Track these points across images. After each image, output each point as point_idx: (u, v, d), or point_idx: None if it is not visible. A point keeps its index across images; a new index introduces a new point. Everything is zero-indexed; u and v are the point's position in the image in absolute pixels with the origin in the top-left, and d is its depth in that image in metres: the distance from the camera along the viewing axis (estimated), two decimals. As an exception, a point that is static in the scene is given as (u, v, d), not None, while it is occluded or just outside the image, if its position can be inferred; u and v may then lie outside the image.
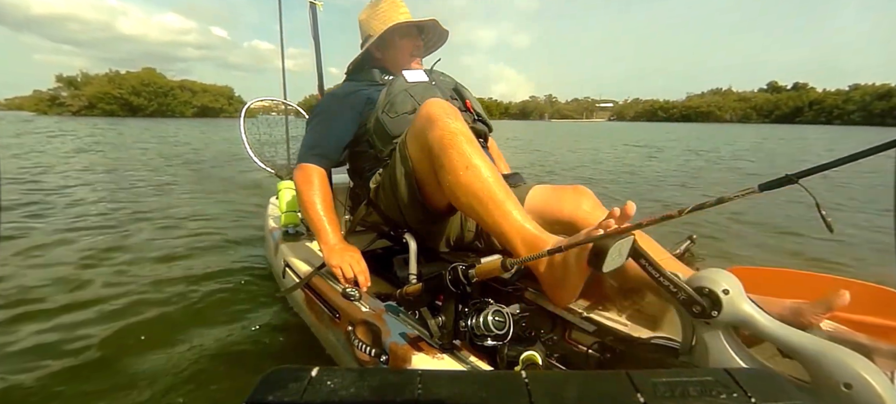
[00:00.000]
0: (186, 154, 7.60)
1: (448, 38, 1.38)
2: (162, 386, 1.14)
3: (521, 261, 0.66)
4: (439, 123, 0.84)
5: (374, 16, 1.26)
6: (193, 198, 3.76)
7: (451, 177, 0.82)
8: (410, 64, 1.28)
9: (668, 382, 0.36)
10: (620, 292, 1.09)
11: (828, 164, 0.53)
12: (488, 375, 0.59)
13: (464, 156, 0.81)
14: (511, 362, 0.74)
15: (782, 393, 0.34)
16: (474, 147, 0.83)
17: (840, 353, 0.55)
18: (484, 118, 1.24)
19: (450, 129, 0.83)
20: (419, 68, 1.27)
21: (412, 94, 1.14)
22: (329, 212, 1.11)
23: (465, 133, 0.84)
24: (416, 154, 0.93)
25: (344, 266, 1.01)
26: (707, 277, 0.65)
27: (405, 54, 1.28)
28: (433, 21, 1.30)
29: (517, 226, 0.77)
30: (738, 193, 0.57)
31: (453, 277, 0.72)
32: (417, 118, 0.91)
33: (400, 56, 1.28)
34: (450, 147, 0.82)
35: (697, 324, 0.67)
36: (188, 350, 1.31)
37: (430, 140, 0.85)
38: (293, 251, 1.40)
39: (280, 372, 0.38)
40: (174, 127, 5.20)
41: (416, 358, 0.76)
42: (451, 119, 0.85)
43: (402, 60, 1.28)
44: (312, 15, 1.76)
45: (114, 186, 4.13)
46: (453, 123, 0.84)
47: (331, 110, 1.21)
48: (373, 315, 0.92)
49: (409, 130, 0.96)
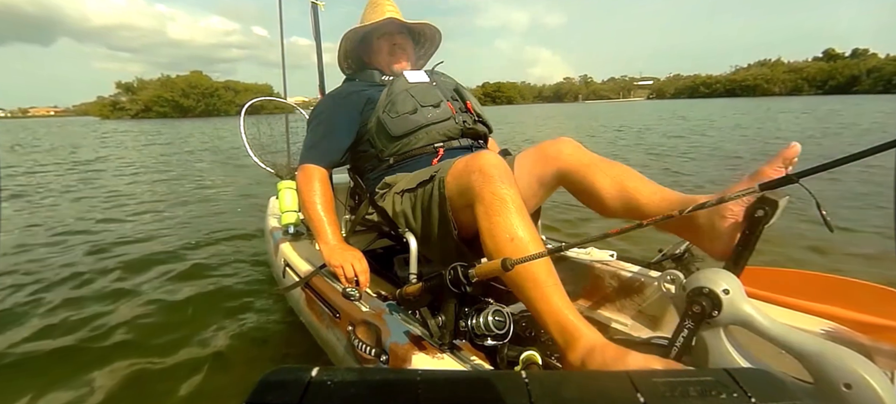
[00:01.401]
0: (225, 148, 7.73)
1: (441, 39, 1.35)
2: (162, 386, 1.14)
3: (522, 260, 0.66)
4: (490, 185, 0.81)
5: (361, 18, 1.26)
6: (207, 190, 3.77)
7: (492, 245, 0.79)
8: (393, 63, 1.26)
9: (668, 382, 0.36)
10: (621, 292, 1.09)
11: (828, 164, 0.53)
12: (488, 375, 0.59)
13: (510, 228, 0.78)
14: (511, 362, 0.74)
15: (782, 393, 0.34)
16: (522, 217, 0.79)
17: (840, 353, 0.55)
18: (484, 119, 1.24)
19: (499, 195, 0.80)
20: (407, 67, 1.26)
21: (413, 94, 1.14)
22: (330, 213, 1.11)
23: (516, 201, 0.81)
24: (457, 199, 0.90)
25: (346, 265, 1.01)
26: (707, 277, 0.65)
27: (384, 54, 1.26)
28: (425, 23, 1.29)
29: (554, 312, 0.73)
30: (739, 193, 0.57)
31: (453, 277, 0.72)
32: (467, 166, 0.86)
33: (380, 57, 1.26)
34: (496, 215, 0.79)
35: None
36: (188, 350, 1.31)
37: (475, 194, 0.82)
38: (293, 251, 1.40)
39: (280, 372, 0.38)
40: (214, 125, 5.18)
41: (416, 357, 0.76)
42: (504, 184, 0.81)
43: (384, 61, 1.26)
44: (314, 15, 1.76)
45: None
46: (504, 189, 0.81)
47: (331, 111, 1.20)
48: (373, 315, 0.92)
49: (452, 170, 0.91)
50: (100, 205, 3.44)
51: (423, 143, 1.12)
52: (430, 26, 1.30)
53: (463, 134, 1.16)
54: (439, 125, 1.13)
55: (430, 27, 1.31)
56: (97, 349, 1.30)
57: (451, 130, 1.14)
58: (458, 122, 1.16)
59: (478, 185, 0.82)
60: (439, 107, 1.15)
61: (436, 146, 1.13)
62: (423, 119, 1.12)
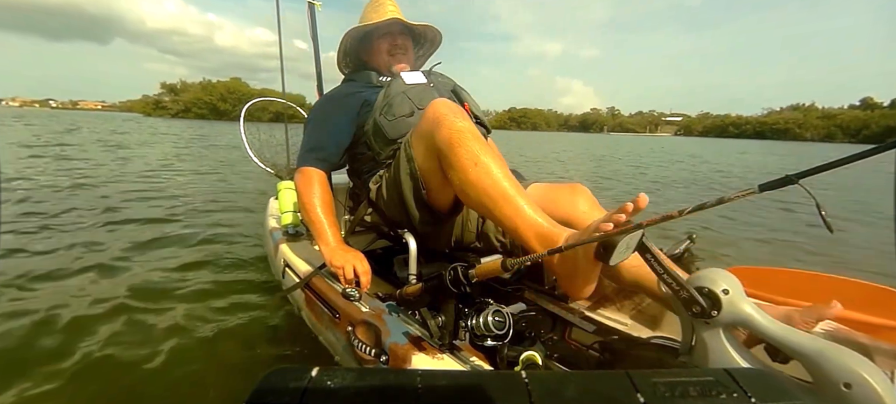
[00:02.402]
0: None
1: (442, 39, 1.35)
2: (161, 386, 1.14)
3: (521, 261, 0.66)
4: (446, 122, 0.85)
5: (361, 17, 1.26)
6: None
7: (460, 175, 0.82)
8: (392, 64, 1.26)
9: (668, 382, 0.36)
10: (620, 292, 1.09)
11: (828, 165, 0.53)
12: (488, 375, 0.59)
13: (472, 154, 0.81)
14: (511, 362, 0.74)
15: (782, 393, 0.34)
16: (481, 144, 0.83)
17: (840, 353, 0.55)
18: (482, 120, 1.24)
19: (457, 128, 0.84)
20: (406, 69, 1.26)
21: (410, 96, 1.14)
22: (329, 215, 1.11)
23: (472, 131, 0.85)
24: (421, 154, 0.94)
25: (347, 266, 1.01)
26: (707, 277, 0.65)
27: (382, 54, 1.26)
28: (426, 25, 1.29)
29: (530, 221, 0.76)
30: (739, 194, 0.57)
31: (453, 277, 0.72)
32: (423, 119, 0.91)
33: (380, 57, 1.26)
34: (457, 145, 0.82)
35: (697, 324, 0.67)
36: (187, 349, 1.31)
37: (437, 139, 0.86)
38: (293, 251, 1.40)
39: (280, 372, 0.37)
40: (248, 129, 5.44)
41: (416, 358, 0.76)
42: (458, 118, 0.86)
43: (383, 61, 1.26)
44: (311, 15, 1.76)
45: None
46: (460, 122, 0.85)
47: (328, 112, 1.20)
48: (373, 315, 0.92)
49: (414, 130, 0.96)
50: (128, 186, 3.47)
51: None
52: (432, 28, 1.30)
53: None
54: None
55: (432, 29, 1.31)
56: (95, 348, 1.30)
57: None
58: None
59: (435, 128, 0.86)
60: None
61: None
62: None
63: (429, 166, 0.93)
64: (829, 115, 76.63)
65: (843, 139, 67.69)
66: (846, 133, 69.94)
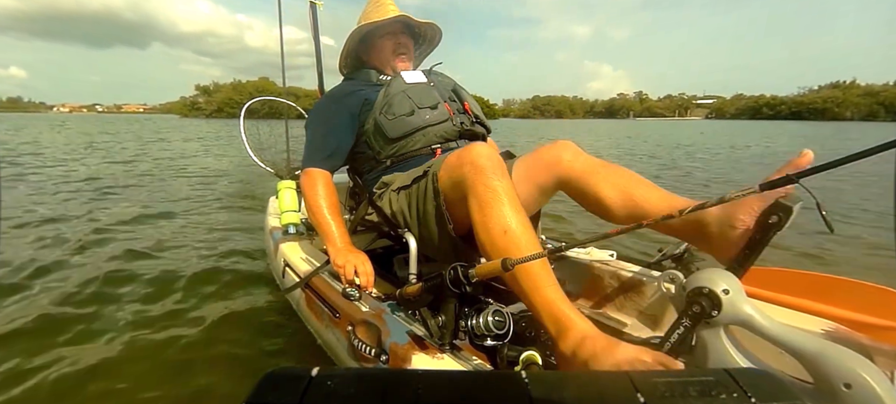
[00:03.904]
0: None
1: (442, 38, 1.34)
2: (161, 386, 1.14)
3: (521, 261, 0.66)
4: (483, 177, 0.81)
5: (362, 16, 1.26)
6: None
7: (486, 238, 0.80)
8: (396, 63, 1.25)
9: (668, 382, 0.36)
10: (621, 292, 1.09)
11: (828, 164, 0.53)
12: (488, 375, 0.59)
13: (503, 221, 0.78)
14: (511, 362, 0.74)
15: (782, 393, 0.34)
16: (515, 209, 0.80)
17: (840, 353, 0.55)
18: (482, 120, 1.24)
19: (492, 187, 0.80)
20: (408, 68, 1.25)
21: (410, 95, 1.13)
22: (336, 216, 1.11)
23: (509, 192, 0.81)
24: (450, 193, 0.90)
25: (347, 267, 1.01)
26: (707, 277, 0.65)
27: (387, 54, 1.24)
28: (430, 24, 1.28)
29: (548, 302, 0.73)
30: (739, 193, 0.57)
31: (453, 277, 0.71)
32: (461, 160, 0.86)
33: (382, 56, 1.25)
34: (490, 207, 0.79)
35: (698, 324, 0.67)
36: (187, 349, 1.31)
37: (469, 189, 0.82)
38: (293, 251, 1.40)
39: (280, 372, 0.37)
40: (269, 124, 5.34)
41: (416, 358, 0.76)
42: (497, 176, 0.81)
43: (385, 60, 1.25)
44: (312, 14, 1.76)
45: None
46: (496, 181, 0.81)
47: (330, 113, 1.20)
48: (373, 314, 0.92)
49: (444, 164, 0.91)
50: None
51: (420, 146, 1.12)
52: (434, 27, 1.30)
53: (461, 135, 1.16)
54: (436, 127, 1.13)
55: (433, 28, 1.30)
56: (92, 346, 1.30)
57: (448, 132, 1.14)
58: (456, 124, 1.15)
59: (470, 178, 0.82)
60: (436, 108, 1.15)
61: (433, 148, 1.12)
62: (421, 121, 1.11)
63: (456, 207, 0.90)
64: (871, 92, 70.90)
65: (887, 117, 61.63)
66: (890, 111, 63.86)
